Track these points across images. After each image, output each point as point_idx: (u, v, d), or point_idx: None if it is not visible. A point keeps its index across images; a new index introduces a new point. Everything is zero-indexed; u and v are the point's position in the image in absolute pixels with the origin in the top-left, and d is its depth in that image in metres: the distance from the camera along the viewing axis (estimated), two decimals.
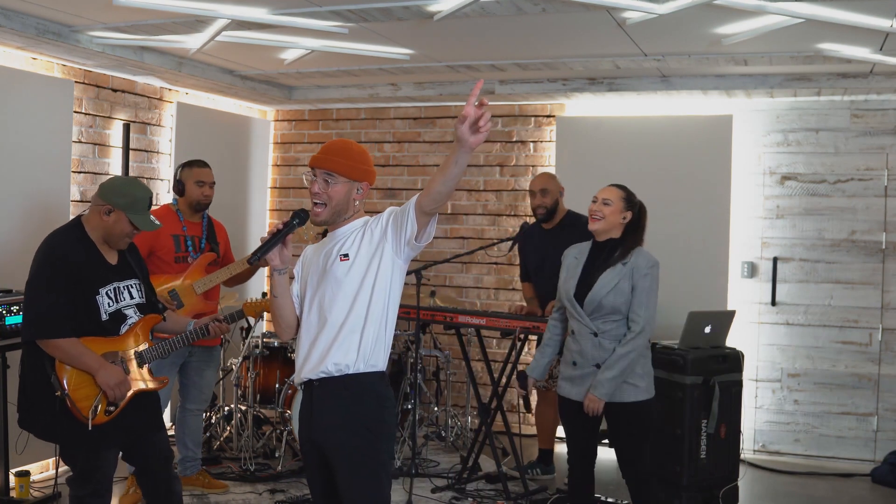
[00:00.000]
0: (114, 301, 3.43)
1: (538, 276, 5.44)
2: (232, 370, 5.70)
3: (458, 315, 5.10)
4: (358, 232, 2.88)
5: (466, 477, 5.23)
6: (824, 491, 5.44)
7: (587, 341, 3.86)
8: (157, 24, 4.59)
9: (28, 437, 4.76)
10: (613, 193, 3.92)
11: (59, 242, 3.41)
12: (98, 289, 3.38)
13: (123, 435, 3.45)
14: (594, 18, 4.35)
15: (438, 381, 6.44)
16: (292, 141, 7.53)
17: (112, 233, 3.42)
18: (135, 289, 3.54)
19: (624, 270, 3.82)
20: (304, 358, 2.87)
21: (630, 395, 3.82)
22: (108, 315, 3.41)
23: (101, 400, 3.34)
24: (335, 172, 2.88)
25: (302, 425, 2.93)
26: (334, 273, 2.82)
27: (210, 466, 5.39)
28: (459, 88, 6.41)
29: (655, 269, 3.86)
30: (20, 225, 5.07)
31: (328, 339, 2.81)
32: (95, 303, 3.37)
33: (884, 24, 4.21)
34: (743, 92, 5.94)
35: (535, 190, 5.42)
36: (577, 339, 3.91)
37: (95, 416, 3.31)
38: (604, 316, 3.83)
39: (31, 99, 5.10)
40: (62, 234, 3.47)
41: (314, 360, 2.83)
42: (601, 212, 3.90)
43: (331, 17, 4.37)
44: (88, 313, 3.35)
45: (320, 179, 2.89)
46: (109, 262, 3.47)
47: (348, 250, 2.83)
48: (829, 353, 6.10)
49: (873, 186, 6.02)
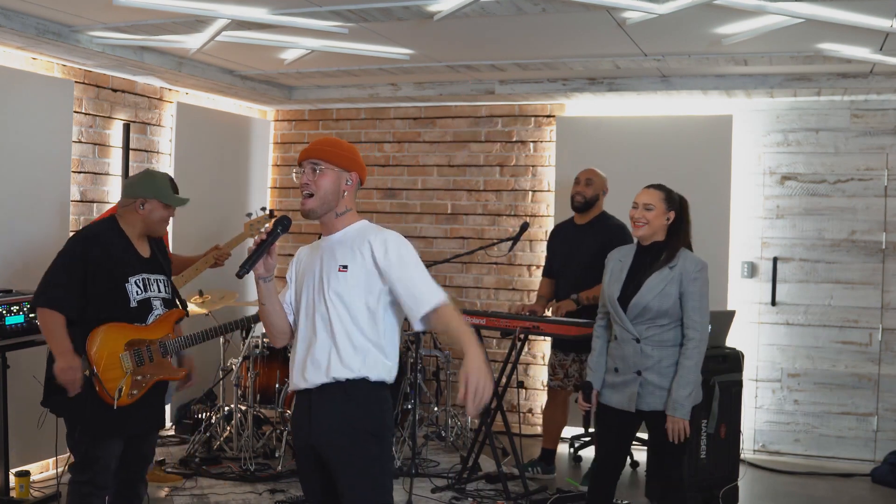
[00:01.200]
0: (142, 290, 3.58)
1: (563, 271, 5.45)
2: (232, 370, 5.70)
3: None
4: (357, 242, 2.82)
5: (466, 477, 5.23)
6: (824, 491, 5.44)
7: (629, 347, 3.77)
8: (157, 24, 4.59)
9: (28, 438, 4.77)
10: (654, 196, 3.80)
11: (87, 231, 3.62)
12: (128, 277, 3.54)
13: (133, 425, 3.57)
14: (594, 18, 4.35)
15: (438, 381, 6.44)
16: (292, 141, 7.53)
17: (151, 221, 3.62)
18: (162, 283, 3.70)
19: (671, 275, 3.72)
20: (301, 365, 2.83)
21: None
22: (137, 303, 3.56)
23: (126, 383, 3.49)
24: (322, 160, 2.84)
25: (299, 431, 2.88)
26: (333, 283, 2.78)
27: (210, 466, 5.39)
28: (459, 88, 6.41)
29: (704, 271, 3.76)
30: (20, 225, 5.06)
31: (327, 347, 2.77)
32: (125, 289, 3.52)
33: (884, 24, 4.21)
34: (743, 92, 5.94)
35: (580, 178, 5.43)
36: (619, 345, 3.82)
37: (121, 397, 3.46)
38: (648, 321, 3.74)
39: (31, 99, 5.10)
40: (93, 225, 3.71)
41: (313, 368, 2.79)
42: (644, 217, 3.78)
43: (331, 17, 4.37)
44: (118, 299, 3.51)
45: (308, 170, 2.85)
46: (142, 254, 3.64)
47: (347, 261, 2.78)
48: (829, 353, 6.10)
49: (873, 186, 6.02)
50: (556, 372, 5.45)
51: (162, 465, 5.33)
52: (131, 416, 3.54)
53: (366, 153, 7.29)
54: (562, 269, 5.47)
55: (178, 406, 6.40)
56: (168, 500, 4.89)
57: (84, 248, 3.50)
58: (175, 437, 6.14)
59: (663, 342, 3.76)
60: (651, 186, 3.86)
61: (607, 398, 3.88)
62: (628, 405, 3.79)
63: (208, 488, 5.08)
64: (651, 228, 3.79)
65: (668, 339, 3.78)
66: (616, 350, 3.85)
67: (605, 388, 3.90)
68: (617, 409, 3.84)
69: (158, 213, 3.61)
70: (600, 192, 5.42)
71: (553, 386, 5.50)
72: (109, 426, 3.49)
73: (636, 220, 3.81)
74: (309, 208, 2.85)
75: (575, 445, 6.14)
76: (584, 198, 5.38)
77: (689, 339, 3.73)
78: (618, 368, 3.83)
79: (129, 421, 3.53)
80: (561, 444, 5.89)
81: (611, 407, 3.86)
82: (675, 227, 3.83)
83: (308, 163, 2.85)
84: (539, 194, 6.80)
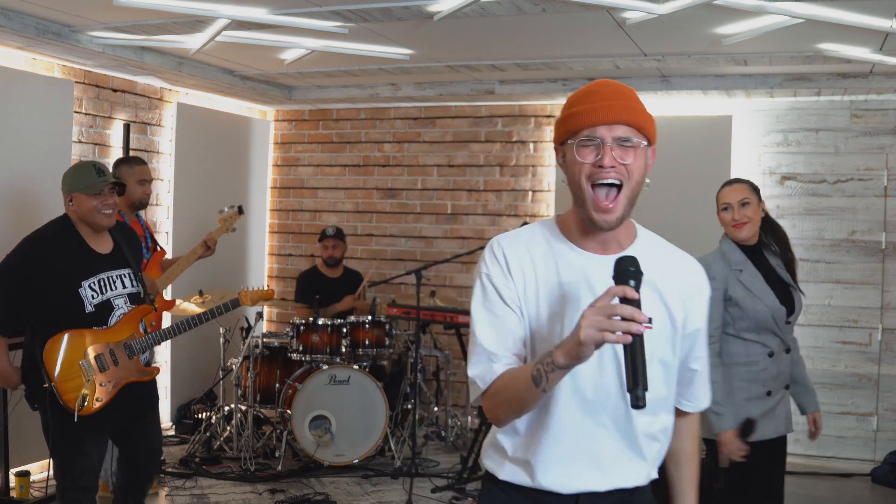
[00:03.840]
0: (99, 293, 3.42)
1: None
2: (232, 370, 5.70)
3: (458, 315, 5.11)
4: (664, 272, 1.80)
5: (466, 477, 5.23)
6: (824, 491, 5.44)
7: (784, 361, 3.32)
8: (157, 24, 4.59)
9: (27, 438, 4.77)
10: (746, 191, 3.36)
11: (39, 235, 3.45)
12: (80, 282, 3.36)
13: (112, 425, 3.47)
14: (594, 18, 4.35)
15: (438, 381, 6.44)
16: (292, 141, 7.53)
17: (83, 214, 3.40)
18: (126, 278, 3.51)
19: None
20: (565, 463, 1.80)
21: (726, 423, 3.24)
22: (94, 307, 3.40)
23: (90, 390, 3.35)
24: (637, 127, 1.77)
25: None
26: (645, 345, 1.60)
27: (210, 466, 5.39)
28: (459, 88, 6.41)
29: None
30: (20, 225, 5.06)
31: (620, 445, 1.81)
32: (79, 295, 3.36)
33: (884, 24, 4.21)
34: (743, 92, 5.94)
35: None
36: (774, 363, 3.29)
37: (83, 406, 3.33)
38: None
39: (31, 99, 5.10)
40: (47, 226, 3.50)
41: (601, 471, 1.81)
42: (745, 216, 3.33)
43: (331, 17, 4.37)
44: (72, 307, 3.35)
45: (604, 144, 1.72)
46: (99, 252, 3.46)
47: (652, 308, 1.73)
48: (829, 353, 6.10)
49: (873, 186, 6.02)
50: None
51: (162, 465, 5.33)
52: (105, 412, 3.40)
53: (366, 153, 7.30)
54: None
55: (178, 406, 6.40)
56: (168, 500, 4.89)
57: (21, 260, 3.35)
58: (175, 437, 6.14)
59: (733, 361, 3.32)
60: (735, 182, 3.44)
61: (762, 432, 3.26)
62: (786, 428, 3.37)
63: (208, 488, 5.09)
64: (754, 226, 3.37)
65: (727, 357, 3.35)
66: (770, 369, 3.28)
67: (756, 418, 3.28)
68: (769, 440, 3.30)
69: (87, 204, 3.37)
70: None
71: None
72: (81, 429, 3.36)
73: (737, 221, 3.33)
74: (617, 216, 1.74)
75: None
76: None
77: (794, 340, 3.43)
78: (771, 391, 3.28)
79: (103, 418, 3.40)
80: None
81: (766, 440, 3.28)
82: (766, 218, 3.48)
83: (614, 136, 1.73)
84: (539, 194, 6.81)
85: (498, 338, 1.76)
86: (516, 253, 1.79)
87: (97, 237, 3.47)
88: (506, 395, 1.74)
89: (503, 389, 1.74)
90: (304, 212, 7.36)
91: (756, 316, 3.25)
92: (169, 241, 6.32)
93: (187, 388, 6.41)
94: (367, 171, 7.28)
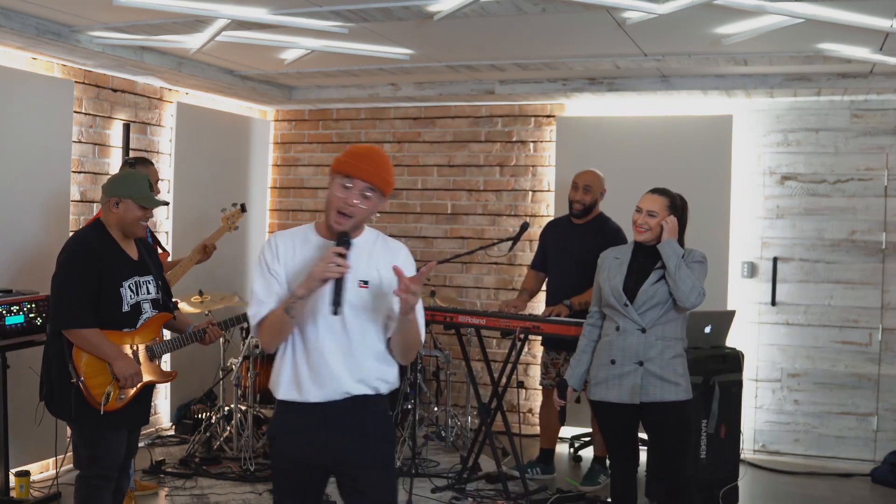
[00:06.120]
0: (135, 294, 3.63)
1: (555, 267, 5.46)
2: (232, 370, 5.70)
3: (458, 315, 5.10)
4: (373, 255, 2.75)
5: (466, 477, 5.23)
6: (824, 491, 5.44)
7: (633, 337, 3.78)
8: (157, 24, 4.59)
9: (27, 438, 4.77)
10: (658, 203, 3.82)
11: (82, 238, 3.64)
12: (122, 281, 3.58)
13: (128, 422, 3.66)
14: (594, 18, 4.35)
15: (438, 381, 6.44)
16: (292, 141, 7.53)
17: (125, 221, 3.61)
18: (152, 284, 3.73)
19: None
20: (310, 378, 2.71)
21: (671, 393, 3.76)
22: (129, 307, 3.60)
23: (114, 387, 3.54)
24: (376, 187, 2.69)
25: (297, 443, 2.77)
26: (352, 295, 2.66)
27: (210, 466, 5.39)
28: (459, 88, 6.41)
29: (705, 261, 3.82)
30: (20, 225, 5.06)
31: (345, 365, 2.71)
32: (119, 294, 3.56)
33: (884, 24, 4.21)
34: (743, 92, 5.94)
35: (578, 184, 5.41)
36: (621, 336, 3.81)
37: (108, 402, 3.51)
38: (653, 311, 3.76)
39: (31, 99, 5.10)
40: (85, 231, 3.70)
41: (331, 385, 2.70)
42: (647, 224, 3.82)
43: (331, 17, 4.37)
44: (112, 304, 3.55)
45: (358, 192, 2.68)
46: (131, 257, 3.67)
47: (367, 276, 2.71)
48: (829, 353, 6.10)
49: (873, 186, 6.02)
50: (549, 371, 5.47)
51: (162, 465, 5.34)
52: (130, 410, 3.62)
53: None
54: (554, 264, 5.48)
55: (178, 406, 6.40)
56: (168, 500, 4.89)
57: (86, 252, 3.53)
58: (175, 437, 6.15)
59: (666, 335, 3.79)
60: (655, 192, 3.88)
61: (602, 394, 3.85)
62: (630, 398, 3.78)
63: (208, 488, 5.09)
64: (653, 234, 3.83)
65: (672, 333, 3.81)
66: (616, 342, 3.82)
67: (599, 383, 3.87)
68: (616, 404, 3.82)
69: (132, 214, 3.59)
70: (598, 196, 5.42)
71: (546, 385, 5.51)
72: (109, 421, 3.55)
73: (639, 226, 3.84)
74: (344, 228, 2.69)
75: (575, 445, 6.14)
76: (583, 205, 5.37)
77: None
78: (615, 360, 3.80)
79: (127, 414, 3.62)
80: (560, 443, 5.90)
81: (609, 402, 3.84)
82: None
83: (362, 183, 2.68)
84: (539, 194, 6.81)
85: (266, 291, 2.73)
86: (283, 242, 2.79)
87: (127, 244, 3.68)
88: (270, 324, 2.69)
89: (268, 322, 2.70)
90: (304, 212, 7.36)
91: (598, 296, 3.99)
92: (168, 241, 6.32)
93: (187, 388, 6.41)
94: None
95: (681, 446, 3.84)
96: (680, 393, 3.79)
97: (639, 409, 3.81)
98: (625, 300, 3.80)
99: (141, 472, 5.18)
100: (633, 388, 3.77)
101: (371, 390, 2.75)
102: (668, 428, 3.81)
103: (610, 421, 3.92)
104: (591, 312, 4.05)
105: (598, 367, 3.90)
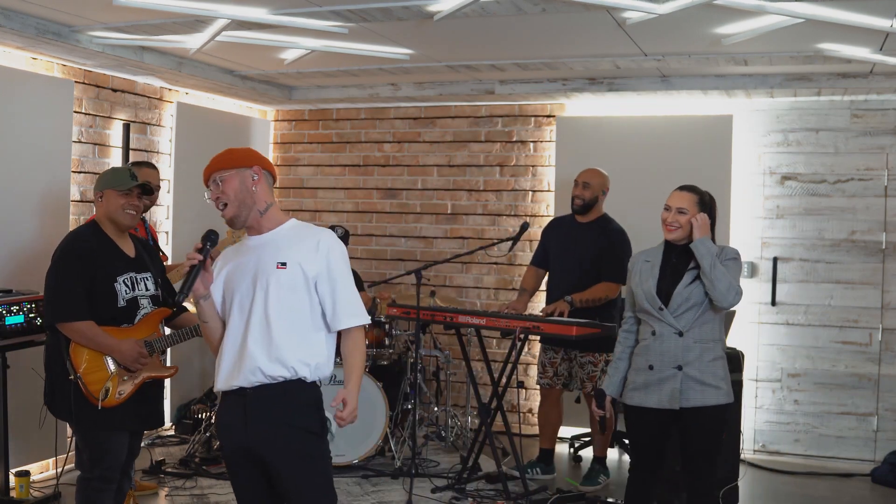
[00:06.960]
0: (130, 289, 3.64)
1: (557, 265, 5.46)
2: None
3: (458, 315, 5.10)
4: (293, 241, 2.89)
5: (466, 477, 5.22)
6: (824, 491, 5.44)
7: (671, 342, 3.68)
8: (157, 24, 4.59)
9: (27, 438, 4.77)
10: (687, 200, 3.74)
11: (76, 235, 3.72)
12: (116, 276, 3.60)
13: (131, 421, 3.65)
14: (594, 18, 4.35)
15: (438, 381, 6.44)
16: (292, 141, 7.53)
17: (110, 211, 3.66)
18: (149, 281, 3.74)
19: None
20: (234, 365, 2.84)
21: (712, 397, 3.67)
22: (125, 302, 3.62)
23: (112, 383, 3.54)
24: (220, 170, 2.92)
25: (231, 434, 2.88)
26: (272, 281, 2.82)
27: (210, 466, 5.39)
28: (459, 88, 6.41)
29: (739, 257, 3.73)
30: (20, 225, 5.06)
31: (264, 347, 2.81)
32: (114, 289, 3.59)
33: (884, 24, 4.21)
34: (743, 92, 5.94)
35: (577, 181, 5.45)
36: (658, 341, 3.71)
37: (106, 398, 3.52)
38: (690, 314, 3.67)
39: (31, 99, 5.10)
40: (79, 229, 3.80)
41: (249, 367, 2.81)
42: (677, 221, 3.72)
43: (331, 17, 4.37)
44: (107, 299, 3.57)
45: (213, 186, 2.93)
46: (127, 254, 3.70)
47: (285, 258, 2.84)
48: (829, 353, 6.10)
49: (873, 186, 6.02)
50: (546, 370, 5.47)
51: (162, 465, 5.33)
52: (133, 412, 3.62)
53: (366, 153, 7.30)
54: (556, 263, 5.49)
55: (178, 406, 6.40)
56: (168, 500, 4.89)
57: (79, 248, 3.57)
58: (175, 437, 6.14)
59: (704, 337, 3.69)
60: (684, 189, 3.80)
61: (640, 399, 3.74)
62: (670, 403, 3.68)
63: (208, 488, 5.09)
64: (684, 232, 3.73)
65: (710, 335, 3.71)
66: (653, 346, 3.72)
67: (635, 389, 3.77)
68: (655, 409, 3.70)
69: (115, 202, 3.63)
70: (599, 193, 5.42)
71: (543, 384, 5.51)
72: (112, 422, 3.55)
73: (669, 224, 3.74)
74: (230, 216, 2.90)
75: (575, 445, 6.14)
76: (582, 201, 5.39)
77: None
78: (653, 366, 3.69)
79: (131, 416, 3.62)
80: (560, 443, 5.90)
81: (645, 408, 3.73)
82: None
83: (210, 181, 2.94)
84: (539, 194, 6.81)
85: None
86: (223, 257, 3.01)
87: (123, 240, 3.71)
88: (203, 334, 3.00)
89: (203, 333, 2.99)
90: (304, 212, 7.35)
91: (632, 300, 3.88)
92: (168, 241, 6.32)
93: (187, 388, 6.41)
94: (367, 172, 7.28)
95: (715, 449, 3.72)
96: (721, 396, 3.69)
97: (676, 414, 3.71)
98: (659, 304, 3.71)
99: (141, 472, 5.18)
100: (673, 393, 3.67)
101: (289, 372, 2.81)
102: (706, 432, 3.71)
103: (643, 426, 3.80)
104: (626, 318, 3.94)
105: (635, 372, 3.80)
